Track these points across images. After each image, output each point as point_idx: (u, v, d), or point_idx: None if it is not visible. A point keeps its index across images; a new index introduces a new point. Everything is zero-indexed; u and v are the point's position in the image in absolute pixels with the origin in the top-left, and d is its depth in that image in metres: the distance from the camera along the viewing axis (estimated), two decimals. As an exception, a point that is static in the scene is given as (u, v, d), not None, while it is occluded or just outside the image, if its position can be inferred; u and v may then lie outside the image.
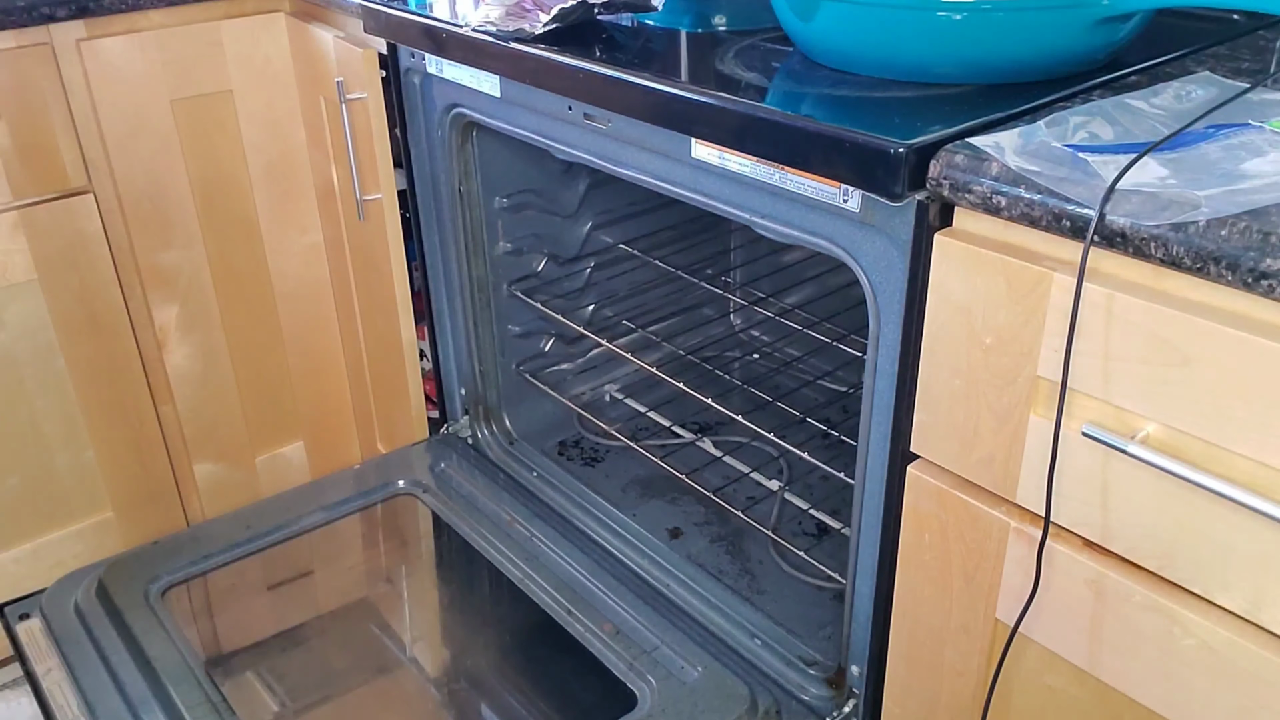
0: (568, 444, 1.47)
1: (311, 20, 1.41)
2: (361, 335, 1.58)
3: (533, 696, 1.15)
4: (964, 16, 0.78)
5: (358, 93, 1.31)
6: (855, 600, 0.95)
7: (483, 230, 1.31)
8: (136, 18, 1.35)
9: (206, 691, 1.01)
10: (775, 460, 1.37)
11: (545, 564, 1.18)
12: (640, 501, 1.34)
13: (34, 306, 1.37)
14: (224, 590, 1.25)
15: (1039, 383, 0.71)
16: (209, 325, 1.54)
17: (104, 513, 1.52)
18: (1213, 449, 0.63)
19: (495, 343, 1.40)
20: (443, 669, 1.22)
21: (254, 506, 1.32)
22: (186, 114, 1.43)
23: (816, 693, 1.02)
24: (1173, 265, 0.61)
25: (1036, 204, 0.66)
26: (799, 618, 1.14)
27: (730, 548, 1.27)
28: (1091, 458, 0.69)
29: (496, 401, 1.43)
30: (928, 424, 0.80)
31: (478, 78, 1.12)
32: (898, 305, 0.80)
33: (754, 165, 0.86)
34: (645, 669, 1.03)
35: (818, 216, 0.84)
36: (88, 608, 1.12)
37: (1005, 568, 0.78)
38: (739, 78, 0.90)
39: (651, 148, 0.95)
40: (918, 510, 0.84)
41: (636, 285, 1.50)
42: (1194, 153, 0.67)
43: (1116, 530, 0.70)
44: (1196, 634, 0.68)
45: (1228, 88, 0.78)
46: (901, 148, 0.71)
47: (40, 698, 1.02)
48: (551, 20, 1.01)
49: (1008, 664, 0.80)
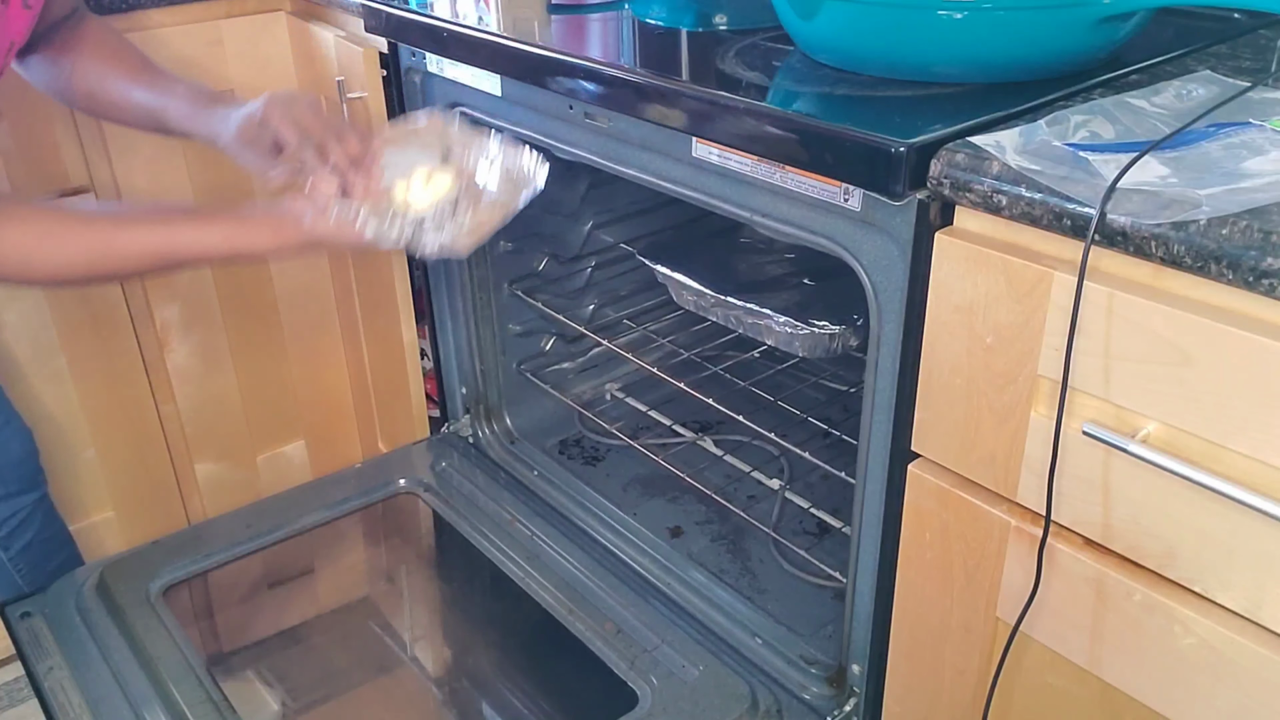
0: (568, 443, 1.47)
1: (312, 19, 1.41)
2: (362, 334, 1.58)
3: (534, 695, 1.15)
4: (965, 16, 0.78)
5: (358, 92, 1.31)
6: (856, 599, 0.95)
7: (483, 229, 1.31)
8: (137, 18, 1.35)
9: (208, 690, 1.02)
10: (776, 459, 1.37)
11: (546, 563, 1.18)
12: (641, 500, 1.34)
13: (34, 306, 1.37)
14: (225, 589, 1.25)
15: (1039, 382, 0.71)
16: (210, 324, 1.54)
17: (105, 512, 1.52)
18: (1213, 448, 0.63)
19: (496, 342, 1.40)
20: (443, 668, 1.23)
21: (255, 505, 1.32)
22: (187, 113, 1.43)
23: (817, 691, 1.02)
24: (1173, 264, 0.61)
25: (1037, 203, 0.66)
26: (800, 616, 1.14)
27: (731, 546, 1.27)
28: (1092, 457, 0.69)
29: (497, 400, 1.43)
30: (928, 423, 0.80)
31: (478, 77, 1.12)
32: (898, 304, 0.80)
33: (755, 164, 0.86)
34: (646, 668, 1.03)
35: (818, 215, 0.84)
36: (89, 606, 1.12)
37: (1006, 566, 0.78)
38: (740, 77, 0.90)
39: (652, 147, 0.95)
40: (918, 509, 0.84)
41: (637, 285, 1.50)
42: (1195, 151, 0.67)
43: (1117, 529, 0.70)
44: (1197, 633, 0.68)
45: (1228, 86, 0.78)
46: (902, 147, 0.71)
47: (41, 697, 1.02)
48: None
49: (1008, 663, 0.80)
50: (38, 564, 1.26)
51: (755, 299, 1.16)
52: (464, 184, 1.01)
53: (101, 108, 1.15)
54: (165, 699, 1.01)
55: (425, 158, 1.03)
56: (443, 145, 1.05)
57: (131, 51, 1.15)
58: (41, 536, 1.27)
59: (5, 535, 1.23)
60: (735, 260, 1.31)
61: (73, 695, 1.02)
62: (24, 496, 1.25)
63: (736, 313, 1.17)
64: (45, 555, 1.27)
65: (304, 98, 1.06)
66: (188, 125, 1.10)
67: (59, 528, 1.32)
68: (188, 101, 1.10)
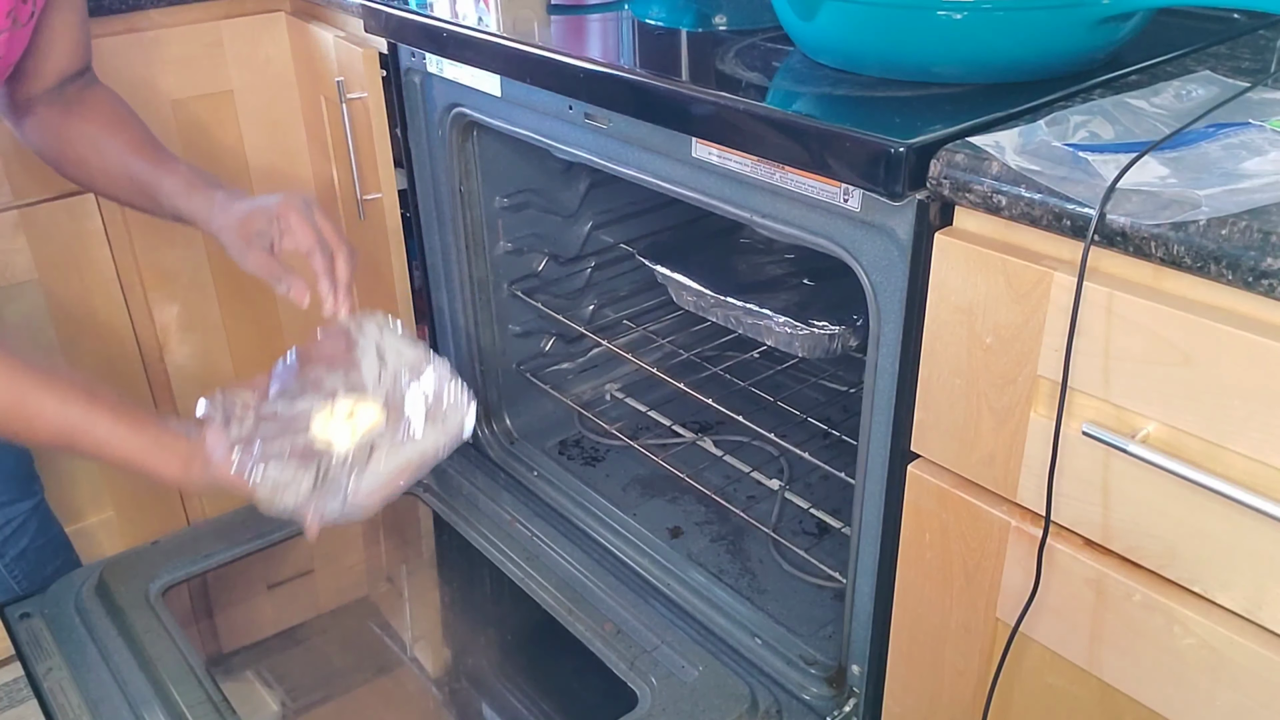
0: (568, 443, 1.47)
1: (312, 20, 1.41)
2: (362, 335, 1.58)
3: (533, 696, 1.15)
4: (964, 16, 0.78)
5: (358, 92, 1.31)
6: (856, 599, 0.95)
7: (483, 230, 1.31)
8: (136, 18, 1.35)
9: (207, 691, 1.01)
10: (775, 459, 1.37)
11: (546, 563, 1.18)
12: (641, 501, 1.34)
13: (34, 306, 1.37)
14: (225, 589, 1.25)
15: (1039, 382, 0.71)
16: (209, 325, 1.54)
17: (105, 512, 1.52)
18: (1213, 448, 0.63)
19: (496, 342, 1.40)
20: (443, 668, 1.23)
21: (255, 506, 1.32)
22: (186, 114, 1.43)
23: (817, 692, 1.02)
24: (1173, 264, 0.61)
25: (1037, 203, 0.66)
26: (799, 617, 1.14)
27: (731, 547, 1.27)
28: (1092, 457, 0.69)
29: (497, 401, 1.43)
30: (928, 423, 0.80)
31: (478, 77, 1.12)
32: (898, 304, 0.80)
33: (754, 164, 0.86)
34: (646, 668, 1.03)
35: (818, 216, 0.84)
36: (88, 607, 1.12)
37: (1006, 567, 0.78)
38: (739, 77, 0.90)
39: (652, 147, 0.95)
40: (918, 509, 0.84)
41: (637, 285, 1.50)
42: (1194, 152, 0.67)
43: (1117, 529, 0.70)
44: (1197, 633, 0.68)
45: (1228, 87, 0.78)
46: (902, 147, 0.71)
47: (41, 698, 1.02)
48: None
49: (1008, 663, 0.80)
50: (33, 570, 1.26)
51: (755, 299, 1.16)
52: (389, 418, 0.93)
53: (90, 175, 1.11)
54: (165, 699, 1.00)
55: (353, 379, 0.96)
56: (376, 354, 0.97)
57: (136, 124, 1.12)
58: (37, 543, 1.27)
59: (0, 542, 1.23)
60: (735, 260, 1.31)
61: (72, 696, 1.02)
62: (19, 505, 1.25)
63: (736, 313, 1.17)
64: (41, 561, 1.27)
65: (316, 203, 1.03)
66: (179, 202, 1.06)
67: (55, 534, 1.31)
68: (185, 180, 1.06)
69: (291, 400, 0.95)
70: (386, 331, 0.99)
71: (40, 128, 1.11)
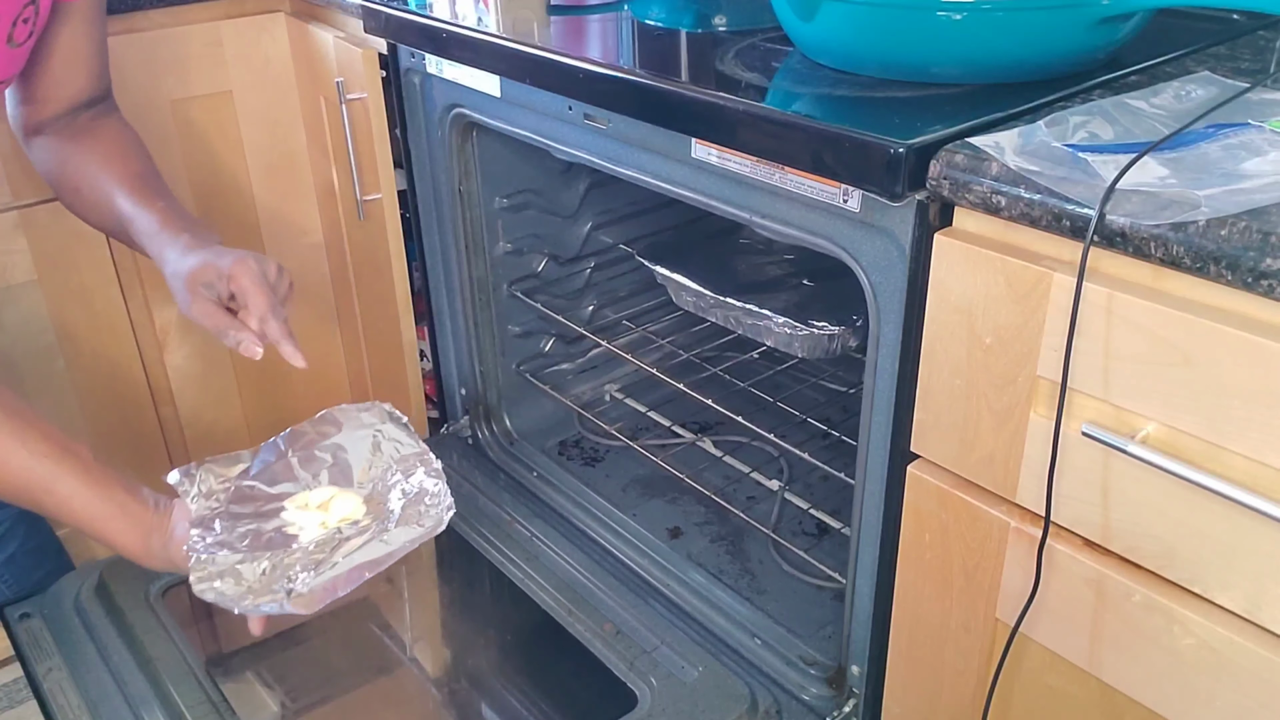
0: (568, 444, 1.47)
1: (311, 20, 1.41)
2: (362, 335, 1.58)
3: (533, 696, 1.15)
4: (964, 16, 0.78)
5: (358, 93, 1.31)
6: (855, 600, 0.95)
7: (483, 230, 1.31)
8: (136, 18, 1.35)
9: (207, 691, 1.01)
10: (775, 460, 1.37)
11: (545, 564, 1.18)
12: (640, 501, 1.34)
13: (34, 307, 1.37)
14: (224, 590, 1.24)
15: (1039, 382, 0.71)
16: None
17: (104, 513, 1.52)
18: (1213, 448, 0.63)
19: (495, 343, 1.40)
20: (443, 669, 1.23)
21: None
22: (186, 114, 1.43)
23: (817, 692, 1.02)
24: (1173, 265, 0.61)
25: (1036, 204, 0.66)
26: (799, 617, 1.14)
27: (730, 547, 1.27)
28: (1091, 457, 0.69)
29: (496, 401, 1.43)
30: (928, 424, 0.80)
31: (478, 78, 1.12)
32: (898, 305, 0.80)
33: (754, 165, 0.86)
34: (645, 669, 1.03)
35: (818, 216, 0.84)
36: (88, 607, 1.12)
37: (1005, 567, 0.78)
38: (739, 77, 0.90)
39: (651, 148, 0.95)
40: (918, 510, 0.84)
41: (637, 285, 1.50)
42: (1194, 152, 0.67)
43: (1116, 530, 0.70)
44: (1196, 633, 0.68)
45: (1227, 87, 0.78)
46: (901, 147, 0.71)
47: (40, 698, 1.02)
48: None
49: (1008, 664, 0.80)
50: (22, 575, 1.24)
51: (755, 300, 1.16)
52: (367, 512, 0.90)
53: (83, 206, 1.10)
54: (164, 700, 1.00)
55: (341, 465, 0.93)
56: (372, 443, 0.94)
57: (135, 159, 1.10)
58: (25, 548, 1.25)
59: None
60: (734, 261, 1.31)
61: (72, 696, 1.02)
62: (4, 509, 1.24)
63: (736, 313, 1.17)
64: (31, 566, 1.25)
65: (274, 264, 1.00)
66: (144, 241, 1.04)
67: (45, 538, 1.29)
68: (158, 220, 1.03)
69: (272, 480, 0.93)
70: (390, 421, 0.97)
71: (45, 153, 1.10)
